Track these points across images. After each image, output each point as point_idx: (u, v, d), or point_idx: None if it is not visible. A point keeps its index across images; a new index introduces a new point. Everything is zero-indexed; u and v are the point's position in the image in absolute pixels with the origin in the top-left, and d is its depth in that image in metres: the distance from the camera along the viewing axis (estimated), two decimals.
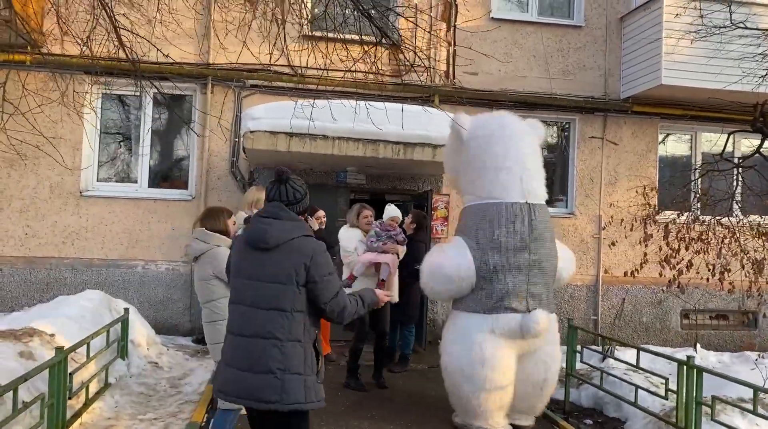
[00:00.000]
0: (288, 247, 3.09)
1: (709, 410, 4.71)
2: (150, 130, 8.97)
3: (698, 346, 8.91)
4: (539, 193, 5.58)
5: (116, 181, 9.08)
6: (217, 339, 4.51)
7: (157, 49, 4.12)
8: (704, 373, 4.84)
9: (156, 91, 4.57)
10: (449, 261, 5.39)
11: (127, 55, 3.90)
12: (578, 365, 6.58)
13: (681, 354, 6.79)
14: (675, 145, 10.45)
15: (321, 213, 7.15)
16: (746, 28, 7.43)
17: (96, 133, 8.83)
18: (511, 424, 5.53)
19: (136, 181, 9.05)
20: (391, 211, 6.74)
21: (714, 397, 4.56)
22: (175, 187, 9.10)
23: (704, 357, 8.38)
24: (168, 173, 9.30)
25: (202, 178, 8.92)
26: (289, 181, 3.20)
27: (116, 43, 3.87)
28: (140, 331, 6.95)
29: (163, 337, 7.85)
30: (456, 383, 5.37)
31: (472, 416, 5.39)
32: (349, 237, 6.23)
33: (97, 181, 8.93)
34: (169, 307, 8.78)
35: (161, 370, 6.69)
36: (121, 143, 9.22)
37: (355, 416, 5.64)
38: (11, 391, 3.52)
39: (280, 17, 6.37)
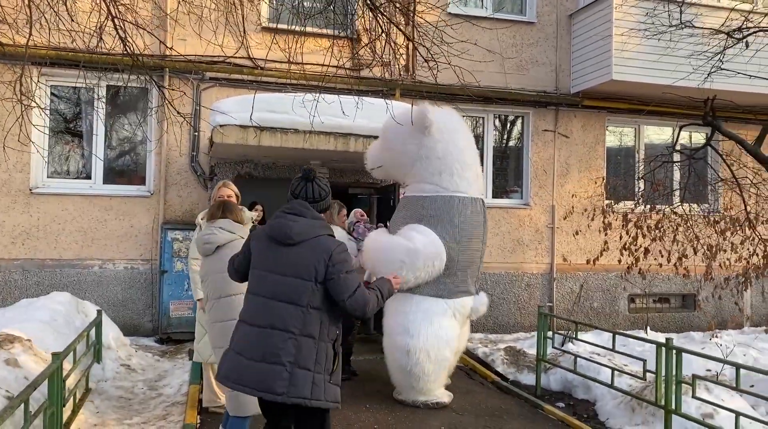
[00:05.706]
0: (311, 244, 3.20)
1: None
2: (104, 124, 8.58)
3: (648, 328, 9.40)
4: (482, 190, 6.32)
5: (69, 178, 8.65)
6: (223, 343, 3.92)
7: (160, 42, 3.97)
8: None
9: (150, 84, 4.36)
10: (425, 248, 5.62)
11: (126, 47, 3.74)
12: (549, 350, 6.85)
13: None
14: (620, 137, 10.95)
15: (259, 207, 7.61)
16: (695, 27, 7.84)
17: (45, 127, 8.36)
18: None
19: (89, 177, 8.65)
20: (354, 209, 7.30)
21: (695, 376, 4.86)
22: (131, 183, 8.77)
23: (653, 339, 8.82)
24: (124, 169, 8.93)
25: (160, 174, 8.63)
26: (315, 180, 3.36)
27: (114, 36, 3.70)
28: (110, 333, 6.71)
29: (127, 338, 7.59)
30: (418, 362, 5.67)
31: (422, 393, 5.87)
32: (338, 236, 6.19)
33: (48, 177, 8.49)
34: (129, 307, 8.47)
35: (135, 372, 6.48)
36: (74, 138, 8.78)
37: (352, 409, 5.66)
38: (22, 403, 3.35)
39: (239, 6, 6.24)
